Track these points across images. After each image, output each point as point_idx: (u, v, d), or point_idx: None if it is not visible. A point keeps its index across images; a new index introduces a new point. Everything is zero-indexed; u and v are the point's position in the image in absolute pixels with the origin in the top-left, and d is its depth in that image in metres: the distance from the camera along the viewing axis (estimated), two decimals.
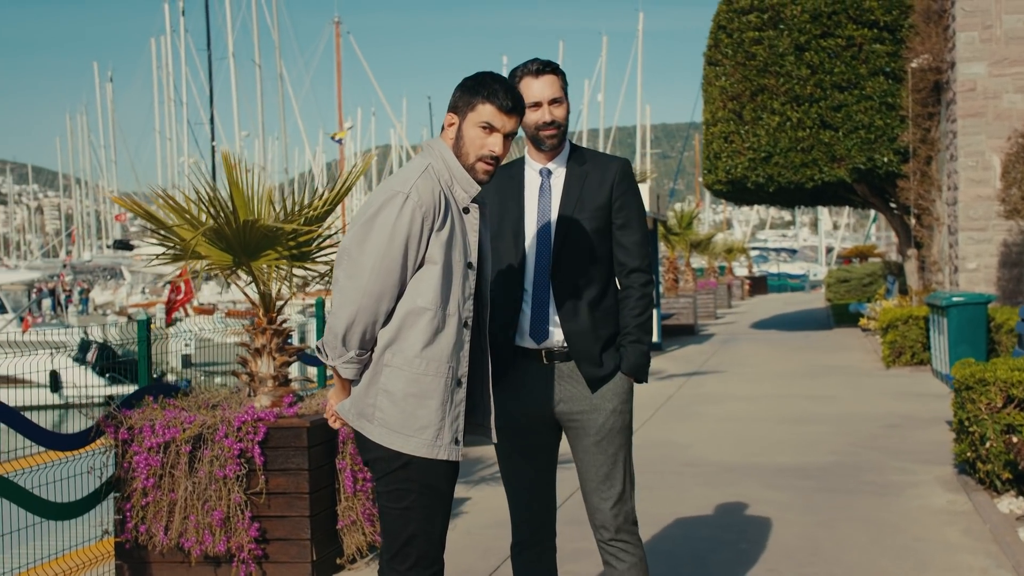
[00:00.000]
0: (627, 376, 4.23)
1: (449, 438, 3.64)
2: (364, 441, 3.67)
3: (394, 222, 3.54)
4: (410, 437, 3.59)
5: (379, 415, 3.61)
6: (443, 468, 3.66)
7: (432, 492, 3.65)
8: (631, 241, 4.24)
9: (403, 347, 3.59)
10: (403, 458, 3.60)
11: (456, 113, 3.71)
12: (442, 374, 3.61)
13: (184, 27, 64.59)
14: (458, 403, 3.67)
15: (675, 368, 16.93)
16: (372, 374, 3.63)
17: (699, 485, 8.23)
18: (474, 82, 3.69)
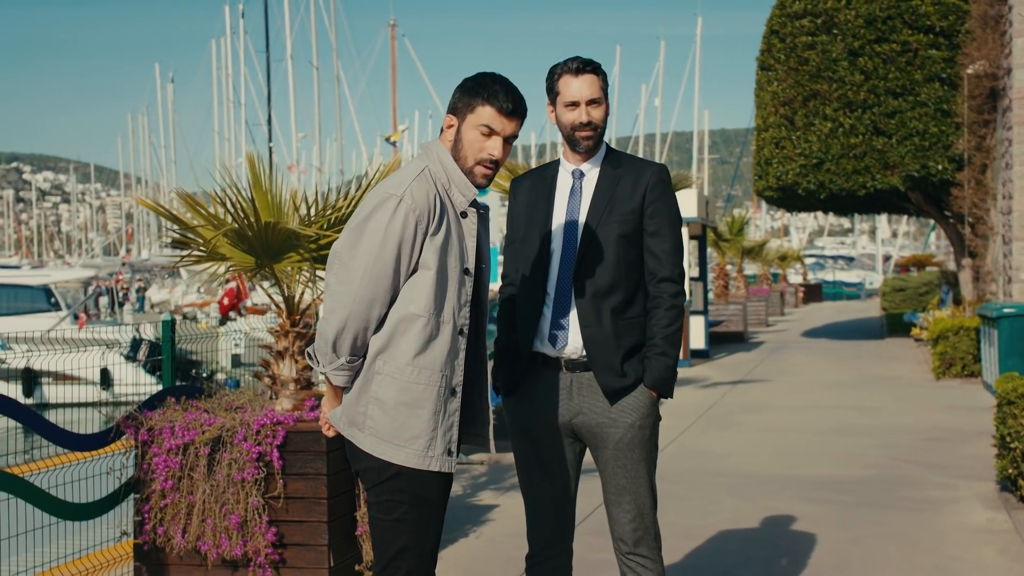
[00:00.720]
0: (650, 390, 4.09)
1: (442, 449, 3.54)
2: (355, 450, 3.58)
3: (386, 226, 3.45)
4: (401, 447, 3.50)
5: (370, 424, 3.52)
6: (435, 479, 3.56)
7: (423, 504, 3.55)
8: (662, 249, 4.10)
9: (395, 354, 3.50)
10: (393, 468, 3.51)
11: (455, 115, 3.62)
12: (435, 383, 3.51)
13: (244, 29, 65.23)
14: (452, 413, 3.57)
15: (720, 376, 16.74)
16: (363, 382, 3.54)
17: (732, 497, 8.08)
18: (474, 83, 3.60)
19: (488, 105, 3.57)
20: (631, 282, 4.08)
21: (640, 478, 4.10)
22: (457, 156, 3.63)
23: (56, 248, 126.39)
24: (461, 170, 3.62)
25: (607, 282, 4.03)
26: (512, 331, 4.16)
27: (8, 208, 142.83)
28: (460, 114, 3.61)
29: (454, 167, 3.63)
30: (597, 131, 4.09)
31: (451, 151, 3.63)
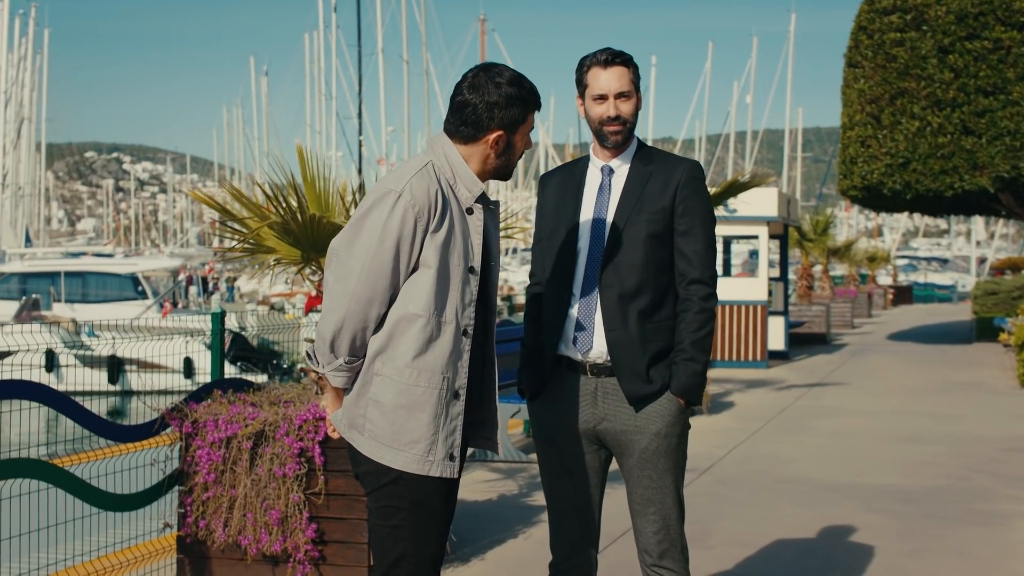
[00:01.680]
0: (677, 397, 3.93)
1: (443, 453, 3.43)
2: (355, 453, 3.49)
3: (384, 222, 3.36)
4: (400, 451, 3.40)
5: (369, 427, 3.43)
6: (436, 485, 3.45)
7: (423, 510, 3.45)
8: (693, 250, 3.94)
9: (394, 355, 3.40)
10: (392, 473, 3.41)
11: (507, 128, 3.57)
12: (435, 385, 3.40)
13: (336, 23, 65.78)
14: (455, 416, 3.45)
15: (797, 379, 16.43)
16: (362, 383, 3.45)
17: (792, 504, 7.88)
18: (518, 92, 3.55)
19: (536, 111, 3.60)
20: (660, 284, 3.92)
21: (666, 488, 3.95)
22: (510, 163, 3.59)
23: (153, 237, 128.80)
24: (467, 165, 3.52)
25: (634, 284, 3.88)
26: (538, 332, 4.04)
27: (108, 197, 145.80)
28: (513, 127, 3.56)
29: (460, 162, 3.52)
30: (626, 126, 3.95)
31: (498, 160, 3.57)
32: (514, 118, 3.52)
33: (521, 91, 3.52)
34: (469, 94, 3.50)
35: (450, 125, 3.56)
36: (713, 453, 9.90)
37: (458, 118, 3.53)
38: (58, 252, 39.57)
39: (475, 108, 3.49)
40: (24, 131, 50.55)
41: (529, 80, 3.57)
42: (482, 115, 3.49)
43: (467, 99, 3.50)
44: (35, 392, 5.36)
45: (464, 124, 3.52)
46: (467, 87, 3.52)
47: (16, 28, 50.77)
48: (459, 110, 3.52)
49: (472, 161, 3.54)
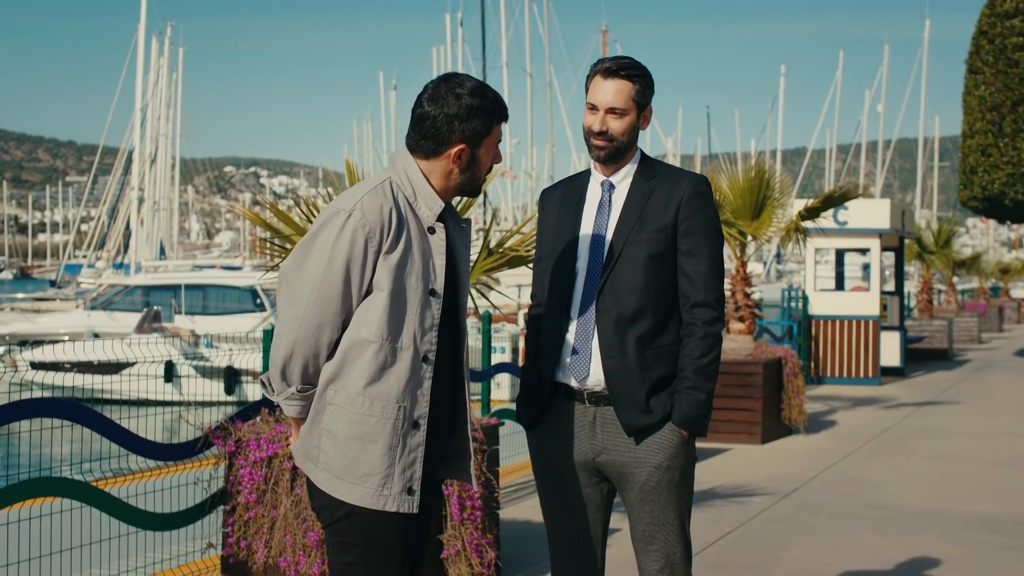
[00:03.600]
0: (679, 428, 3.71)
1: (400, 487, 3.23)
2: (311, 486, 3.33)
3: (333, 244, 3.19)
4: (353, 485, 3.22)
5: (323, 458, 3.26)
6: (393, 521, 3.26)
7: (379, 547, 3.26)
8: (697, 271, 3.70)
9: (346, 383, 3.23)
10: (346, 507, 3.24)
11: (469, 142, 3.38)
12: (389, 415, 3.22)
13: (462, 37, 66.30)
14: (414, 448, 3.26)
15: (908, 396, 15.85)
16: (315, 412, 3.29)
17: (871, 532, 7.52)
18: (480, 103, 3.36)
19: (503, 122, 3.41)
20: (662, 307, 3.70)
21: (669, 525, 3.73)
22: (475, 178, 3.41)
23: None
24: (429, 182, 3.35)
25: (633, 307, 3.67)
26: (537, 358, 3.86)
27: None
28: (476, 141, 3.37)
29: (420, 178, 3.35)
30: (613, 143, 3.73)
31: (461, 176, 3.39)
32: (477, 131, 3.34)
33: (484, 102, 3.33)
34: (429, 106, 3.33)
35: (411, 139, 3.39)
36: (801, 476, 9.56)
37: (418, 132, 3.36)
38: (189, 264, 40.53)
39: (435, 121, 3.32)
40: (160, 147, 51.94)
41: (493, 90, 3.38)
42: (442, 128, 3.31)
43: (427, 112, 3.33)
44: (68, 411, 5.37)
45: (424, 138, 3.35)
46: (427, 99, 3.34)
47: (153, 48, 52.20)
48: (419, 123, 3.35)
49: (434, 177, 3.37)
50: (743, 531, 7.48)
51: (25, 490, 5.17)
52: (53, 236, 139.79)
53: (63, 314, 31.30)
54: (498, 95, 3.38)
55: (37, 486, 5.26)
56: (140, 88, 49.77)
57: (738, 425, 11.41)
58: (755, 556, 6.86)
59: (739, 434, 11.37)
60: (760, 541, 7.23)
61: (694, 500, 7.75)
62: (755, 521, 7.78)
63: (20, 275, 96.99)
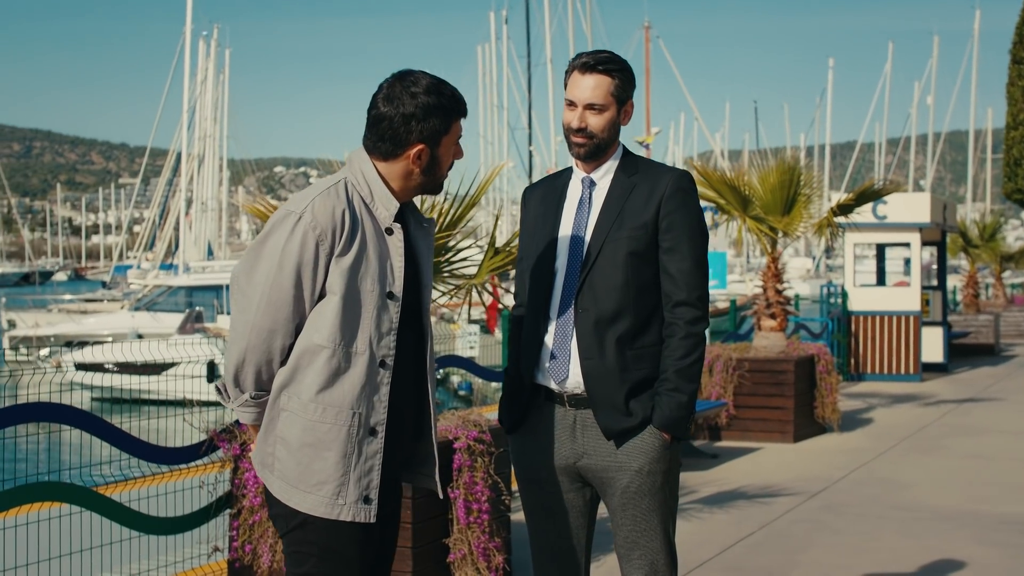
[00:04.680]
0: (660, 431, 3.61)
1: (356, 496, 3.15)
2: (268, 493, 3.25)
3: (283, 247, 3.11)
4: (307, 493, 3.14)
5: (278, 466, 3.19)
6: (349, 530, 3.18)
7: (335, 558, 3.18)
8: (679, 268, 3.60)
9: (299, 390, 3.15)
10: (300, 516, 3.16)
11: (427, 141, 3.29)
12: (343, 422, 3.13)
13: (507, 35, 66.27)
14: (371, 456, 3.18)
15: (949, 393, 15.56)
16: (269, 419, 3.21)
17: (897, 534, 7.35)
18: (437, 100, 3.27)
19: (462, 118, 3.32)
20: (643, 307, 3.60)
21: (652, 531, 3.62)
22: (435, 175, 3.31)
23: None
24: (385, 182, 3.26)
25: (613, 307, 3.57)
26: (518, 360, 3.77)
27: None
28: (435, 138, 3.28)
29: (375, 178, 3.25)
30: (592, 140, 3.63)
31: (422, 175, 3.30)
32: (435, 129, 3.24)
33: (441, 99, 3.24)
34: (384, 107, 3.23)
35: (368, 141, 3.29)
36: (830, 475, 9.38)
37: (375, 134, 3.26)
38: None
39: (391, 122, 3.22)
40: (208, 149, 52.31)
41: (450, 86, 3.28)
42: (399, 129, 3.22)
43: (382, 112, 3.23)
44: (67, 416, 5.34)
45: (381, 140, 3.25)
46: (382, 99, 3.24)
47: (200, 50, 52.59)
48: (375, 125, 3.26)
49: (393, 178, 3.28)
50: (764, 533, 7.35)
51: (28, 494, 5.15)
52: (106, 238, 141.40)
53: (108, 315, 31.62)
54: (455, 91, 3.29)
55: (40, 490, 5.24)
56: (187, 90, 50.15)
57: (770, 424, 11.24)
58: (774, 559, 6.73)
59: (771, 433, 11.20)
60: (781, 543, 7.09)
61: (717, 502, 7.67)
62: (778, 522, 7.64)
63: (74, 276, 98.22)
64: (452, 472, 5.86)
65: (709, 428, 11.33)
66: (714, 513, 7.91)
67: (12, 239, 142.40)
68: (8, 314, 34.88)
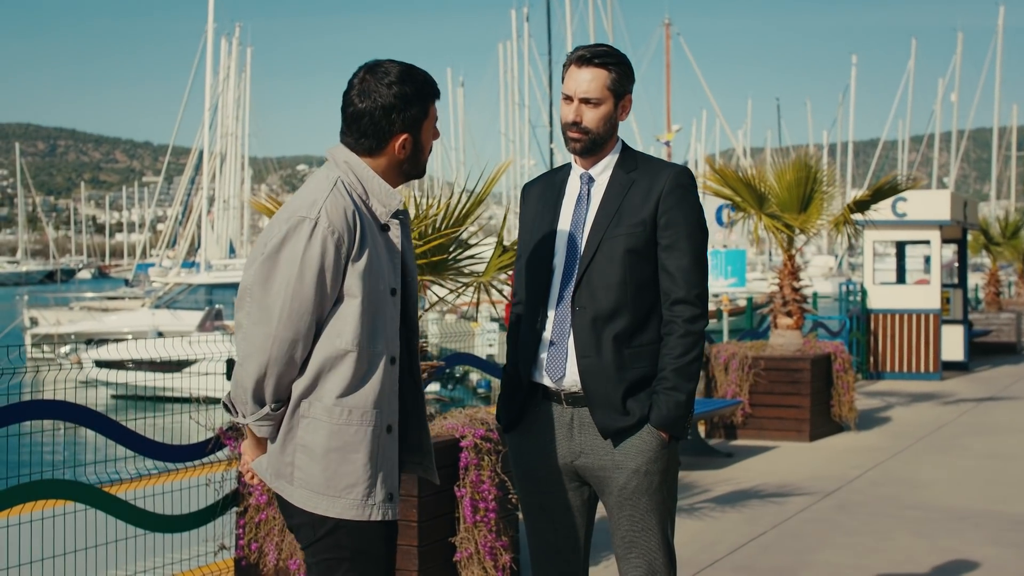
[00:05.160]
0: (658, 430, 3.56)
1: (383, 495, 3.13)
2: (286, 504, 3.20)
3: (303, 255, 3.03)
4: (337, 498, 3.09)
5: (299, 475, 3.12)
6: (379, 529, 3.15)
7: (367, 559, 3.15)
8: (677, 266, 3.55)
9: (321, 395, 3.09)
10: (330, 523, 3.11)
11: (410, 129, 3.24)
12: (368, 422, 3.10)
13: (528, 32, 66.22)
14: (391, 454, 3.15)
15: (969, 392, 15.44)
16: (287, 428, 3.14)
17: (910, 534, 7.28)
18: (412, 87, 3.22)
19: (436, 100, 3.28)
20: (642, 304, 3.56)
21: (650, 531, 3.57)
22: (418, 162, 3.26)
23: None
24: (380, 177, 3.22)
25: (610, 305, 3.53)
26: (516, 358, 3.73)
27: None
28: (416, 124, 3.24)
29: (370, 175, 3.20)
30: (588, 135, 3.59)
31: (404, 163, 3.25)
32: (415, 117, 3.21)
33: (416, 85, 3.20)
34: (360, 102, 3.19)
35: (348, 138, 3.24)
36: (845, 475, 9.31)
37: (356, 130, 3.22)
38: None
39: (372, 116, 3.18)
40: (230, 147, 52.42)
41: (421, 70, 3.24)
42: (380, 123, 3.18)
43: (359, 109, 3.19)
44: (73, 413, 5.33)
45: (364, 136, 3.21)
46: (356, 95, 3.20)
47: (222, 48, 52.70)
48: (354, 122, 3.21)
49: (380, 171, 3.24)
50: (776, 532, 7.29)
51: (34, 491, 5.15)
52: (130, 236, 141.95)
53: (128, 313, 31.73)
54: (427, 74, 3.25)
55: (46, 488, 5.23)
56: (209, 89, 50.26)
57: (786, 422, 11.16)
58: (785, 559, 6.67)
59: (787, 432, 11.13)
60: (793, 543, 7.04)
61: (729, 501, 7.62)
62: (790, 522, 7.58)
63: (98, 274, 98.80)
64: (459, 470, 5.83)
65: (725, 427, 11.26)
66: (726, 512, 7.86)
67: (37, 237, 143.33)
68: (30, 311, 35.07)
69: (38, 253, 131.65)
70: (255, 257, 3.12)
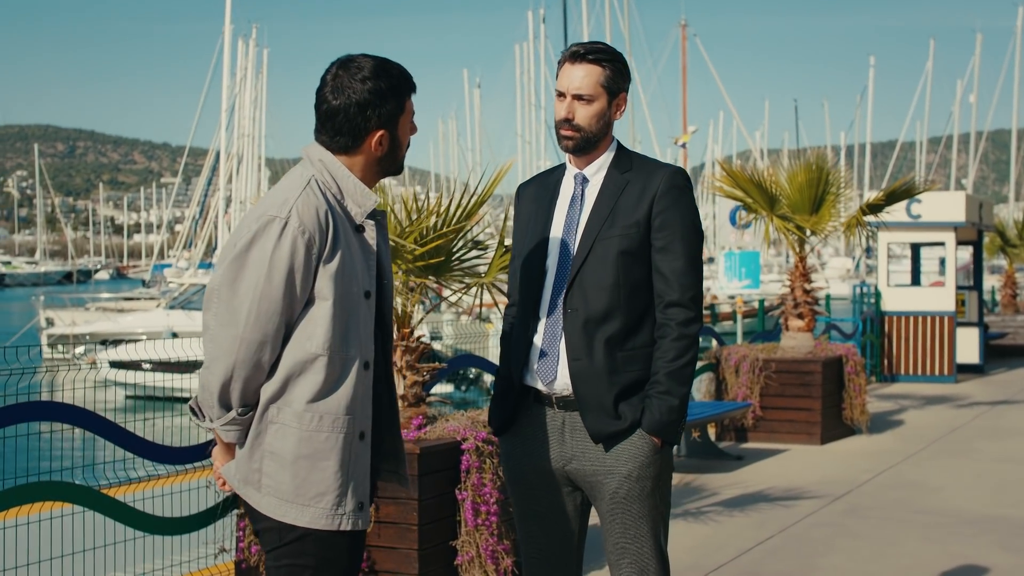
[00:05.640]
0: (650, 435, 3.50)
1: (353, 504, 3.05)
2: (252, 511, 3.12)
3: (272, 255, 2.96)
4: (306, 507, 3.02)
5: (267, 482, 3.04)
6: (346, 539, 3.08)
7: (332, 568, 3.09)
8: (671, 268, 3.49)
9: (290, 400, 3.01)
10: (298, 530, 3.03)
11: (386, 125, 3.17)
12: (339, 429, 3.02)
13: (544, 34, 66.18)
14: (364, 462, 3.08)
15: (983, 395, 15.32)
16: (255, 434, 3.06)
17: (919, 539, 7.20)
18: (387, 82, 3.16)
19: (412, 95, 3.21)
20: (635, 307, 3.50)
21: (642, 538, 3.52)
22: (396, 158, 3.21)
23: None
24: (355, 176, 3.15)
25: (603, 307, 3.47)
26: (509, 361, 3.68)
27: None
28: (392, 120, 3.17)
29: (345, 173, 3.13)
30: (581, 133, 3.54)
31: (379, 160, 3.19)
32: (391, 113, 3.13)
33: (391, 80, 3.12)
34: (334, 99, 3.11)
35: (323, 136, 3.16)
36: (855, 478, 9.23)
37: (330, 128, 3.14)
38: None
39: (346, 114, 3.10)
40: (247, 148, 52.48)
41: (396, 64, 3.17)
42: (355, 119, 3.10)
43: (334, 106, 3.11)
44: (71, 415, 5.30)
45: (339, 134, 3.13)
46: (330, 92, 3.12)
47: (239, 50, 52.77)
48: (328, 119, 3.13)
49: (357, 170, 3.16)
50: (783, 537, 7.22)
51: (34, 493, 5.12)
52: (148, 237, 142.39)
53: (144, 314, 31.76)
54: (402, 68, 3.18)
55: (46, 490, 5.20)
56: (226, 90, 50.36)
57: (797, 425, 11.09)
58: (790, 564, 6.60)
59: (798, 434, 11.05)
60: (799, 548, 6.97)
61: (737, 504, 7.54)
62: (798, 526, 7.51)
63: (116, 275, 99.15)
64: (460, 473, 5.79)
65: (735, 429, 11.19)
66: (733, 516, 7.79)
67: (56, 238, 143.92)
68: (46, 312, 35.18)
69: (57, 254, 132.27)
70: (224, 257, 3.05)
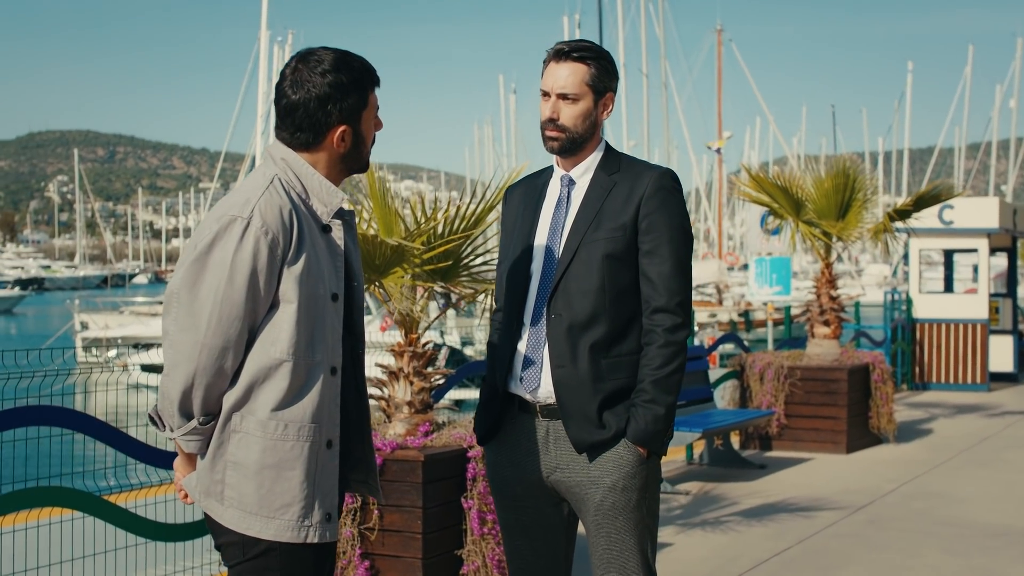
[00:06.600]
0: (635, 445, 3.39)
1: (320, 515, 2.94)
2: (214, 524, 3.00)
3: (233, 258, 2.84)
4: (271, 519, 2.90)
5: (229, 493, 2.92)
6: (312, 552, 2.96)
7: None
8: (658, 272, 3.38)
9: (254, 408, 2.90)
10: (262, 544, 2.91)
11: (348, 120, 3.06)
12: (305, 437, 2.90)
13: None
14: (330, 471, 2.97)
15: (1016, 404, 15.05)
16: (217, 444, 2.94)
17: (940, 551, 7.03)
18: (348, 76, 3.05)
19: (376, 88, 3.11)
20: (621, 313, 3.39)
21: (628, 550, 3.40)
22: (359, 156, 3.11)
23: None
24: (320, 174, 3.04)
25: (587, 312, 3.36)
26: (494, 368, 3.58)
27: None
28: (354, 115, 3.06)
29: (310, 172, 3.01)
30: (566, 134, 3.44)
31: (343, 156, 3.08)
32: (353, 107, 3.02)
33: (352, 73, 3.01)
34: (293, 94, 2.99)
35: (284, 133, 3.04)
36: (879, 488, 9.06)
37: (291, 124, 3.02)
38: None
39: (306, 108, 2.99)
40: None
41: (358, 57, 3.06)
42: (316, 114, 2.99)
43: (293, 101, 2.99)
44: (70, 419, 5.24)
45: (299, 130, 3.02)
46: (289, 86, 3.00)
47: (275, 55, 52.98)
48: (288, 115, 3.01)
49: (320, 167, 3.05)
50: (801, 548, 7.08)
51: (34, 498, 5.08)
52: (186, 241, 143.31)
53: None
54: (364, 60, 3.07)
55: (46, 495, 5.16)
56: (262, 95, 50.54)
57: (822, 434, 10.92)
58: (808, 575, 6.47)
59: (823, 443, 10.88)
60: (817, 559, 6.83)
61: (757, 514, 7.40)
62: (817, 537, 7.36)
63: (155, 279, 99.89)
64: (466, 481, 5.70)
65: (760, 438, 11.03)
66: (752, 526, 7.66)
67: (95, 242, 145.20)
68: (81, 315, 35.41)
69: (96, 258, 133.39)
70: (183, 259, 2.93)
